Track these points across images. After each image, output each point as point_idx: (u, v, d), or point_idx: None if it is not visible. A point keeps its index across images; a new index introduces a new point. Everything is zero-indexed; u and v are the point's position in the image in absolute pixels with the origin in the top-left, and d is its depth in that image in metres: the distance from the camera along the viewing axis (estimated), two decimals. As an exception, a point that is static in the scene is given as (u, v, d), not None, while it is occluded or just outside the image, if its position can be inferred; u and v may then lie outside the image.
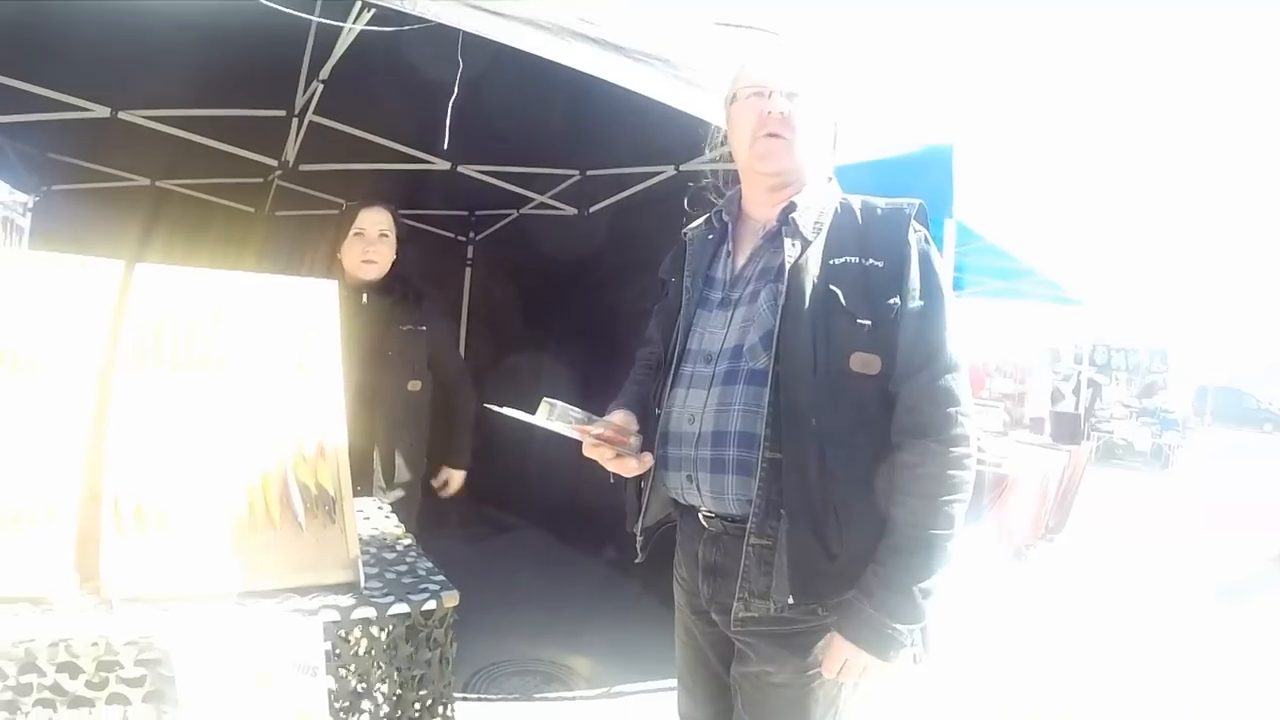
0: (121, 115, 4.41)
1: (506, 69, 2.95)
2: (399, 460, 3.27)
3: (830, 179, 1.97)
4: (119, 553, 1.84)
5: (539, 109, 4.14)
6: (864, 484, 1.72)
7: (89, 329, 2.09)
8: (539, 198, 5.86)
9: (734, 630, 1.84)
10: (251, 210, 6.30)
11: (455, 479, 3.61)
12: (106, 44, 3.51)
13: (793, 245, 1.81)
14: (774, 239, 1.87)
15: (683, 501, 1.95)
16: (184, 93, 4.22)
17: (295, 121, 4.29)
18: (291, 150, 4.69)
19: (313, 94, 3.72)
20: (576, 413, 1.82)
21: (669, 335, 2.02)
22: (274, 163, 5.00)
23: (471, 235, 7.46)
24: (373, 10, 2.40)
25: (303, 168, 5.11)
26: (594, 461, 1.92)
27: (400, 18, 2.38)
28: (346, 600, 1.85)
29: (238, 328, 2.19)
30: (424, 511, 3.42)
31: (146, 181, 5.80)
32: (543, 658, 4.20)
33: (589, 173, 5.42)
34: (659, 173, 4.81)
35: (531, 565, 5.66)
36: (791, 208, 1.84)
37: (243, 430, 2.08)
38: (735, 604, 1.78)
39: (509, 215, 6.68)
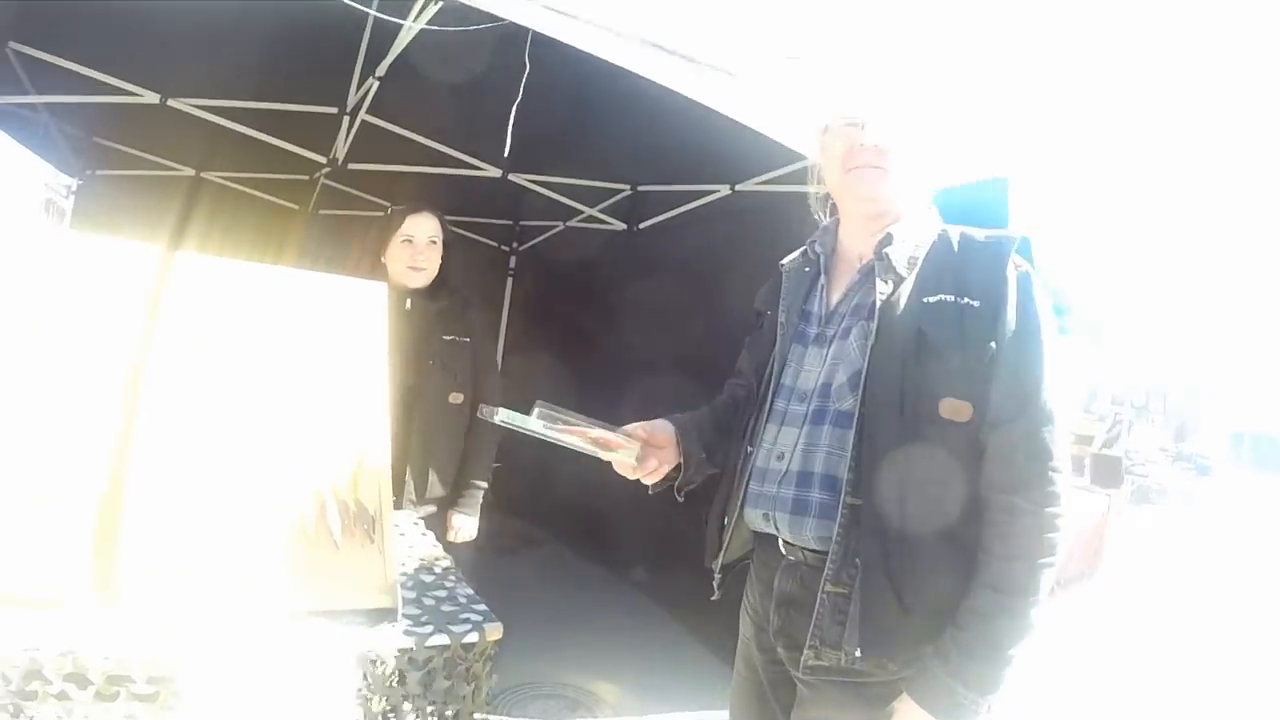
0: (171, 102, 4.38)
1: (566, 77, 2.87)
2: (433, 474, 3.16)
3: (930, 207, 1.87)
4: (138, 558, 1.74)
5: (595, 120, 4.08)
6: (947, 538, 1.62)
7: (125, 317, 1.99)
8: (588, 210, 5.76)
9: (801, 674, 1.75)
10: (295, 207, 6.26)
11: (465, 528, 3.33)
12: (160, 28, 3.47)
13: (885, 282, 1.72)
14: (869, 274, 1.78)
15: (761, 531, 1.87)
16: (236, 83, 4.18)
17: (347, 119, 4.22)
18: (341, 148, 4.62)
19: (367, 91, 3.65)
20: (571, 415, 1.80)
21: (762, 369, 1.95)
22: (322, 160, 4.94)
23: (515, 245, 7.39)
24: (439, 4, 2.30)
25: (351, 166, 5.03)
26: (625, 481, 1.92)
27: (467, 16, 2.29)
28: (382, 628, 1.74)
29: (280, 326, 2.09)
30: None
31: (191, 172, 5.78)
32: (568, 682, 4.08)
33: (640, 188, 5.33)
34: (713, 191, 4.71)
35: (558, 583, 5.56)
36: (887, 240, 1.75)
37: (279, 437, 1.98)
38: (806, 651, 1.70)
39: (555, 227, 6.59)
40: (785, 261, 2.01)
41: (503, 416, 1.79)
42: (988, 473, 1.61)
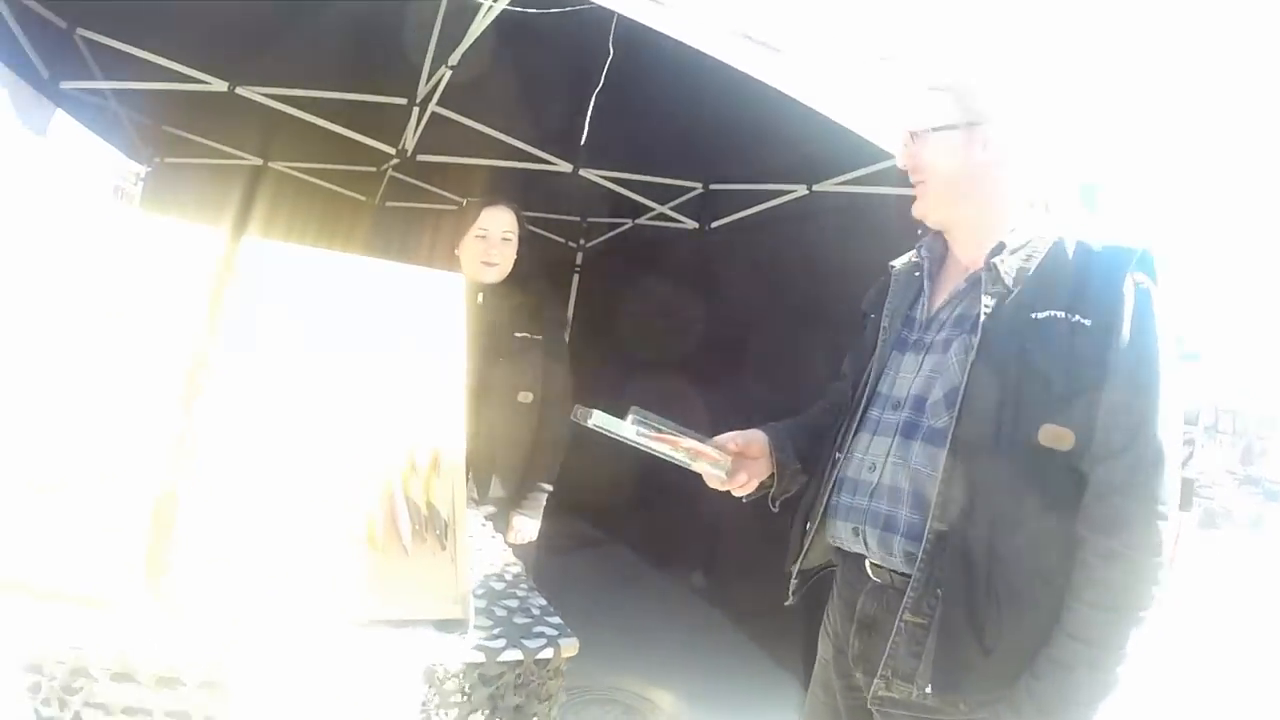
0: (239, 90, 4.38)
1: (645, 66, 2.78)
2: (497, 473, 3.08)
3: (1048, 209, 1.72)
4: (195, 557, 1.66)
5: (670, 114, 3.98)
6: (1036, 576, 1.50)
7: (192, 303, 1.92)
8: (658, 208, 5.66)
9: (873, 704, 1.65)
10: (362, 199, 6.26)
11: (526, 530, 3.27)
12: (229, 15, 3.48)
13: (990, 294, 1.60)
14: (976, 284, 1.66)
15: (848, 550, 1.77)
16: (305, 72, 4.18)
17: (417, 110, 4.18)
18: (411, 139, 4.58)
19: (439, 81, 3.59)
20: (665, 423, 1.76)
21: (859, 372, 1.86)
22: (391, 151, 4.91)
23: (582, 242, 7.32)
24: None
25: (420, 158, 5.00)
26: (688, 482, 1.89)
27: (551, -1, 2.21)
28: (452, 640, 1.65)
29: (353, 317, 2.02)
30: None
31: (259, 161, 5.82)
32: (624, 688, 3.99)
33: (712, 186, 5.22)
34: (789, 191, 4.58)
35: (615, 585, 5.47)
36: (998, 249, 1.63)
37: (350, 432, 1.89)
38: (877, 681, 1.60)
39: (624, 224, 6.51)
40: (895, 263, 1.90)
41: (596, 420, 1.76)
42: (1086, 510, 1.48)
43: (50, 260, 1.90)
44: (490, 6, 2.49)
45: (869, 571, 1.70)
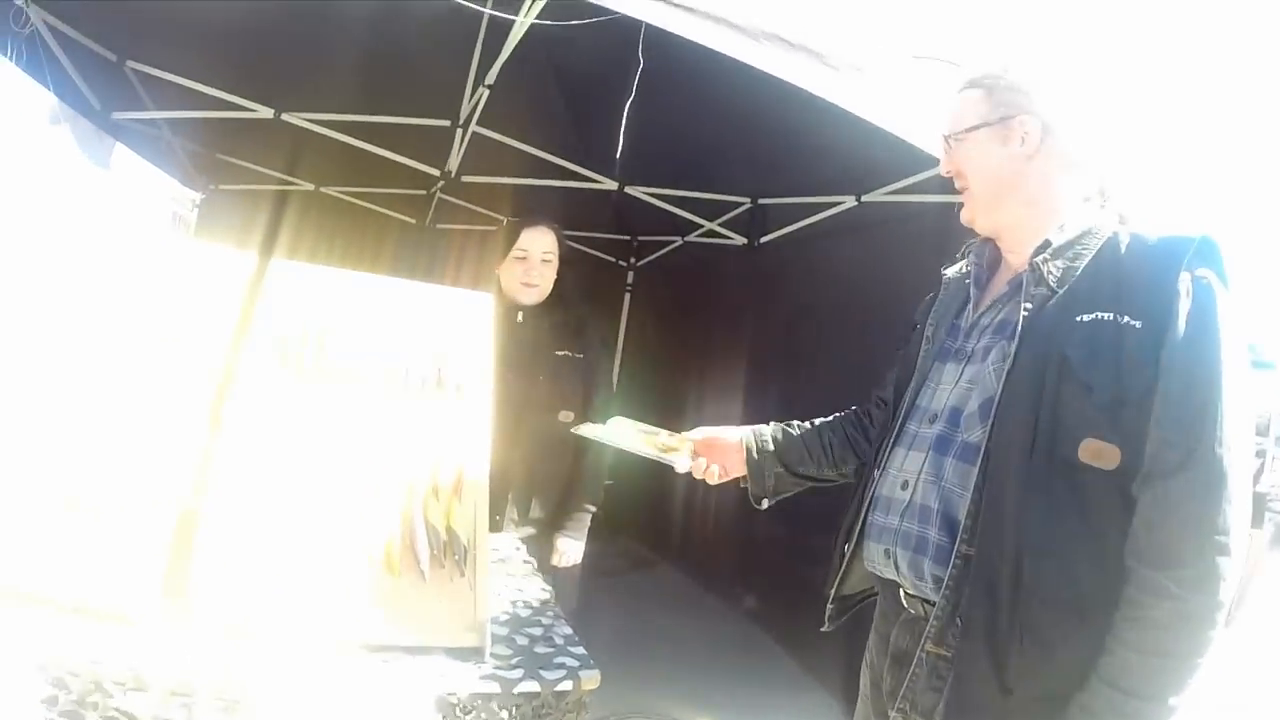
0: (285, 117, 4.47)
1: (681, 77, 2.73)
2: (537, 495, 3.02)
3: (1103, 205, 1.59)
4: (212, 576, 1.66)
5: (713, 127, 3.92)
6: (1070, 611, 1.34)
7: (214, 326, 1.93)
8: (706, 224, 5.60)
9: None
10: (412, 221, 6.31)
11: (571, 552, 3.16)
12: (271, 44, 3.55)
13: (1032, 296, 1.48)
14: (1019, 287, 1.54)
15: (882, 576, 1.65)
16: (349, 97, 4.24)
17: (459, 132, 4.17)
18: (454, 161, 4.58)
19: (478, 101, 3.57)
20: (645, 426, 2.02)
21: (902, 385, 1.75)
22: (436, 173, 4.94)
23: (633, 260, 7.29)
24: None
25: (465, 179, 5.01)
26: (740, 503, 1.96)
27: (575, 10, 2.16)
28: (467, 669, 1.59)
29: (377, 338, 2.01)
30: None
31: (310, 187, 5.87)
32: (668, 713, 3.88)
33: (761, 201, 5.14)
34: (838, 203, 4.47)
35: (665, 607, 5.38)
36: (1043, 248, 1.50)
37: (370, 455, 1.87)
38: (894, 713, 1.51)
39: (673, 242, 6.45)
40: (948, 270, 1.79)
41: (582, 429, 2.07)
42: (1134, 538, 1.32)
43: (105, 287, 1.93)
44: (520, 22, 2.44)
45: (903, 601, 1.59)
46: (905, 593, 1.58)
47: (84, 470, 1.75)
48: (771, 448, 1.96)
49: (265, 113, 4.46)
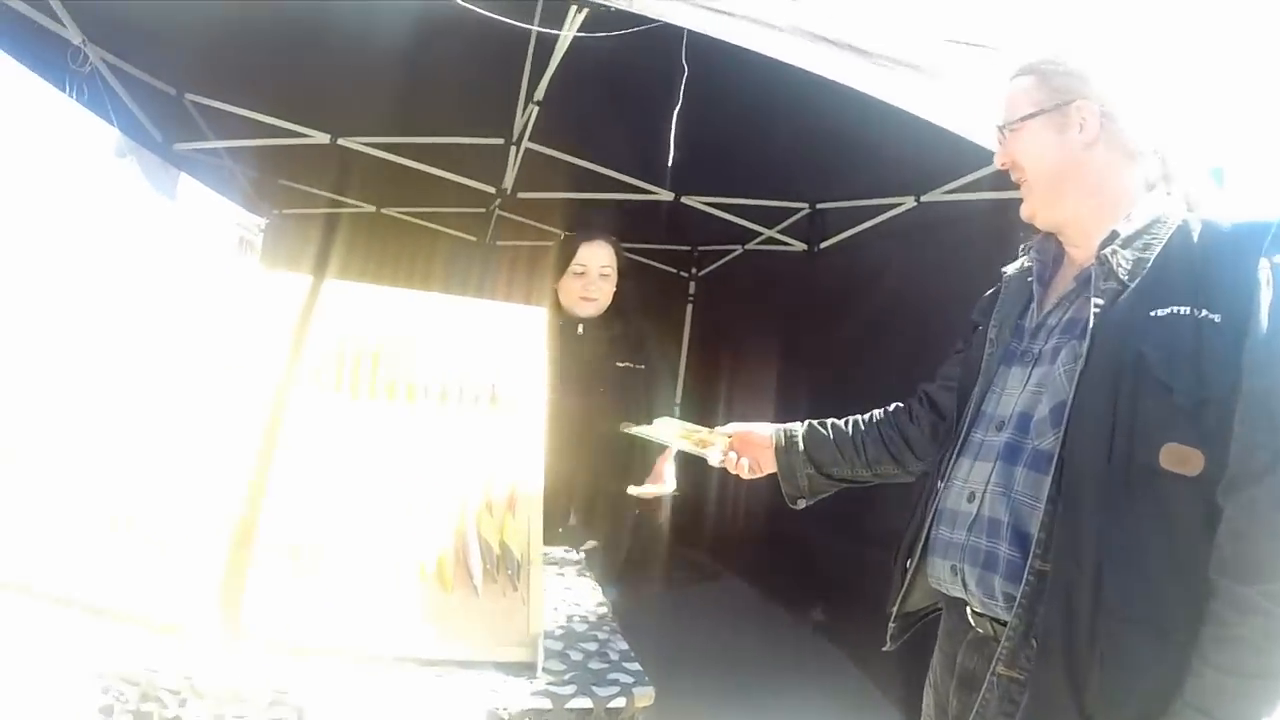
0: (341, 141, 4.58)
1: (729, 83, 2.71)
2: (600, 506, 3.01)
3: (1169, 192, 1.50)
4: (266, 590, 1.68)
5: (765, 132, 3.90)
6: (1154, 629, 1.25)
7: (269, 346, 1.98)
8: (766, 232, 5.55)
9: None
10: (473, 239, 6.37)
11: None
12: (323, 71, 3.67)
13: (1102, 291, 1.39)
14: (1086, 282, 1.45)
15: (949, 594, 1.58)
16: (403, 120, 4.33)
17: (513, 149, 4.20)
18: (510, 178, 4.62)
19: (529, 118, 3.59)
20: (688, 425, 2.11)
21: (965, 391, 1.66)
22: (493, 190, 4.98)
23: (694, 271, 7.26)
24: (585, 10, 2.17)
25: (521, 196, 5.05)
26: (809, 514, 1.99)
27: (617, 21, 2.15)
28: (520, 684, 1.58)
29: (430, 355, 2.02)
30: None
31: (371, 208, 5.96)
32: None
33: (819, 206, 5.08)
34: (897, 204, 4.39)
35: (731, 621, 5.29)
36: (1110, 239, 1.42)
37: (424, 472, 1.88)
38: None
39: (733, 250, 6.42)
40: (1008, 269, 1.72)
41: (628, 427, 2.19)
42: (1219, 550, 1.23)
43: (169, 312, 2.02)
44: (564, 36, 2.44)
45: (970, 620, 1.52)
46: (973, 611, 1.51)
47: (142, 487, 1.80)
48: (801, 447, 1.93)
49: (321, 138, 4.57)
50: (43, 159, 3.34)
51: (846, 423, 1.96)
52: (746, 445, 2.02)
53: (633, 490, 2.75)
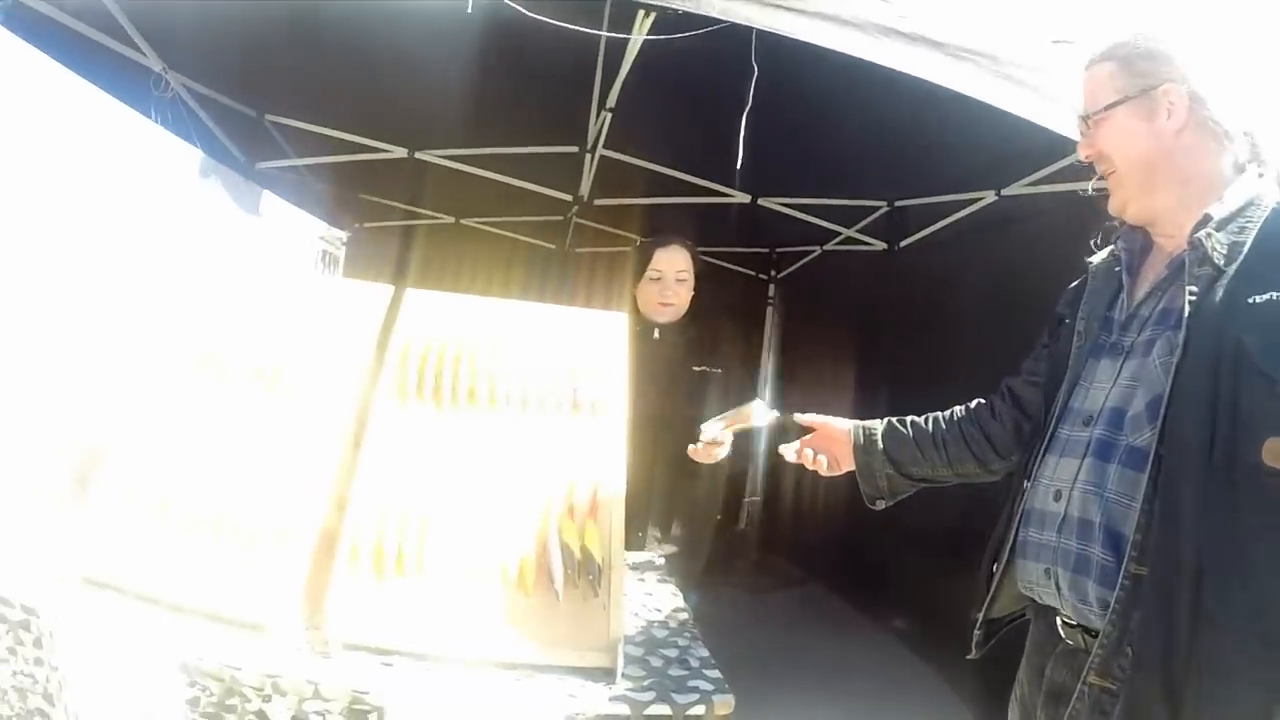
0: (418, 155, 4.69)
1: (803, 90, 2.69)
2: (680, 511, 3.00)
3: (1261, 174, 1.43)
4: (348, 593, 1.72)
5: (840, 133, 3.84)
6: (1257, 639, 1.19)
7: (352, 354, 2.03)
8: (844, 231, 5.48)
9: None
10: (552, 246, 6.41)
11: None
12: (399, 87, 3.76)
13: (1196, 278, 1.32)
14: (1179, 270, 1.39)
15: (1039, 601, 1.52)
16: (478, 132, 4.40)
17: (588, 157, 4.23)
18: (586, 185, 4.65)
19: (601, 125, 3.61)
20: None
21: (1052, 386, 1.61)
22: (570, 198, 5.02)
23: (773, 273, 7.20)
24: (653, 14, 2.17)
25: (598, 203, 5.07)
26: (895, 519, 2.00)
27: (686, 22, 2.15)
28: (597, 690, 1.58)
29: (511, 362, 2.05)
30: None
31: (450, 219, 6.04)
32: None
33: (898, 203, 5.00)
34: (977, 199, 4.30)
35: (813, 628, 5.22)
36: (1203, 222, 1.35)
37: (505, 477, 1.90)
38: None
39: (812, 251, 6.35)
40: (1093, 259, 1.66)
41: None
42: None
43: (258, 324, 2.09)
44: (634, 40, 2.44)
45: (1060, 631, 1.46)
46: (1063, 621, 1.45)
47: (230, 489, 1.86)
48: (880, 445, 1.89)
49: (399, 152, 4.69)
50: (131, 180, 3.50)
51: (927, 420, 1.91)
52: (825, 440, 1.98)
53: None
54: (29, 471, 2.16)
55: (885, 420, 1.94)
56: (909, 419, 1.92)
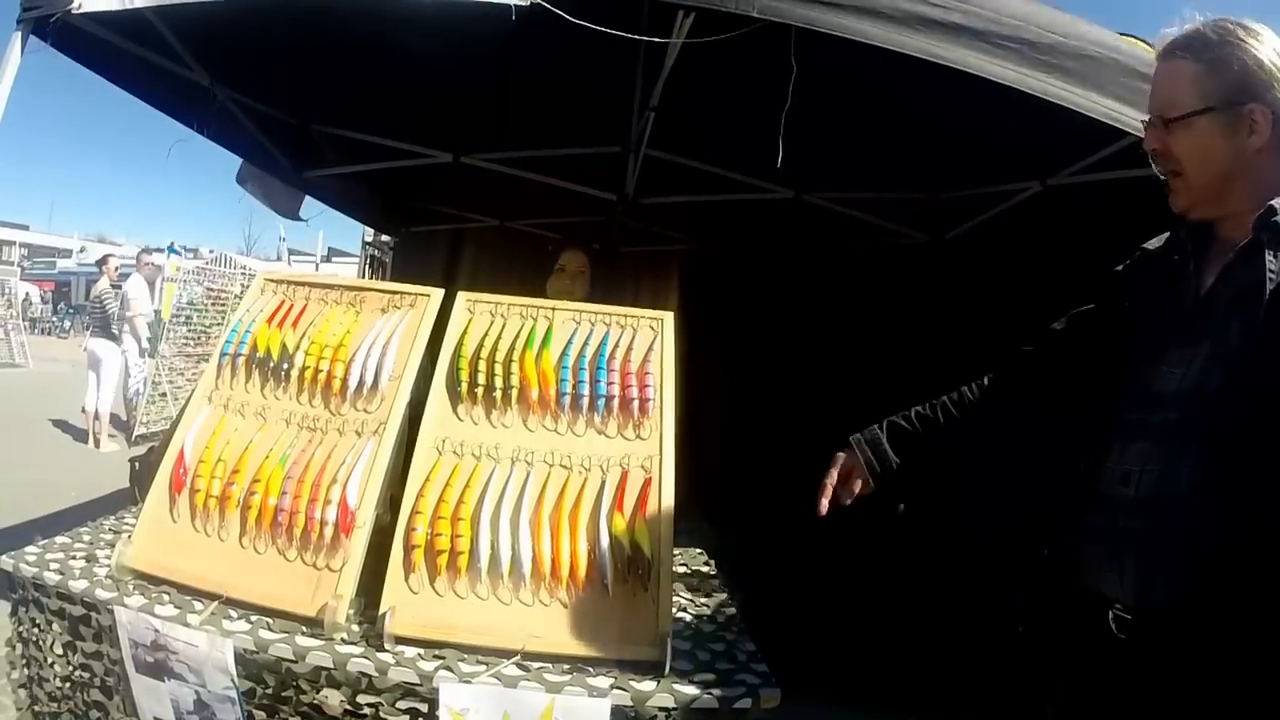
0: (464, 159, 4.73)
1: (842, 76, 2.68)
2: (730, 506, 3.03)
3: None
4: (403, 587, 1.79)
5: (883, 127, 3.81)
6: None
7: (404, 356, 2.08)
8: (888, 225, 5.41)
9: None
10: (598, 247, 6.42)
11: None
12: (442, 93, 3.83)
13: (1275, 259, 1.31)
14: (1254, 251, 1.37)
15: (1098, 590, 1.46)
16: (522, 135, 4.44)
17: (631, 156, 4.24)
18: (630, 184, 4.66)
19: (645, 124, 3.62)
20: None
21: (1108, 371, 1.57)
22: (614, 198, 5.02)
23: (818, 267, 7.12)
24: (692, 14, 2.18)
25: (643, 201, 5.07)
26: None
27: (724, 23, 2.16)
28: (645, 683, 1.61)
29: (560, 361, 2.08)
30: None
31: (495, 222, 6.08)
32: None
33: (941, 195, 4.94)
34: (1022, 190, 4.22)
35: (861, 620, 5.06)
36: (1271, 212, 1.35)
37: (556, 473, 1.95)
38: None
39: (858, 246, 6.25)
40: (1149, 244, 1.64)
41: None
42: None
43: (315, 332, 2.18)
44: (674, 43, 2.46)
45: (1112, 624, 1.41)
46: (1117, 613, 1.41)
47: (288, 487, 1.94)
48: (886, 447, 1.83)
49: (444, 157, 4.73)
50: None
51: (949, 400, 1.89)
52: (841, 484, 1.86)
53: None
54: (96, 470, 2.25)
55: (880, 426, 1.90)
56: (903, 417, 1.89)
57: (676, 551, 2.41)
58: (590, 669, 1.65)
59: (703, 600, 2.13)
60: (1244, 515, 1.24)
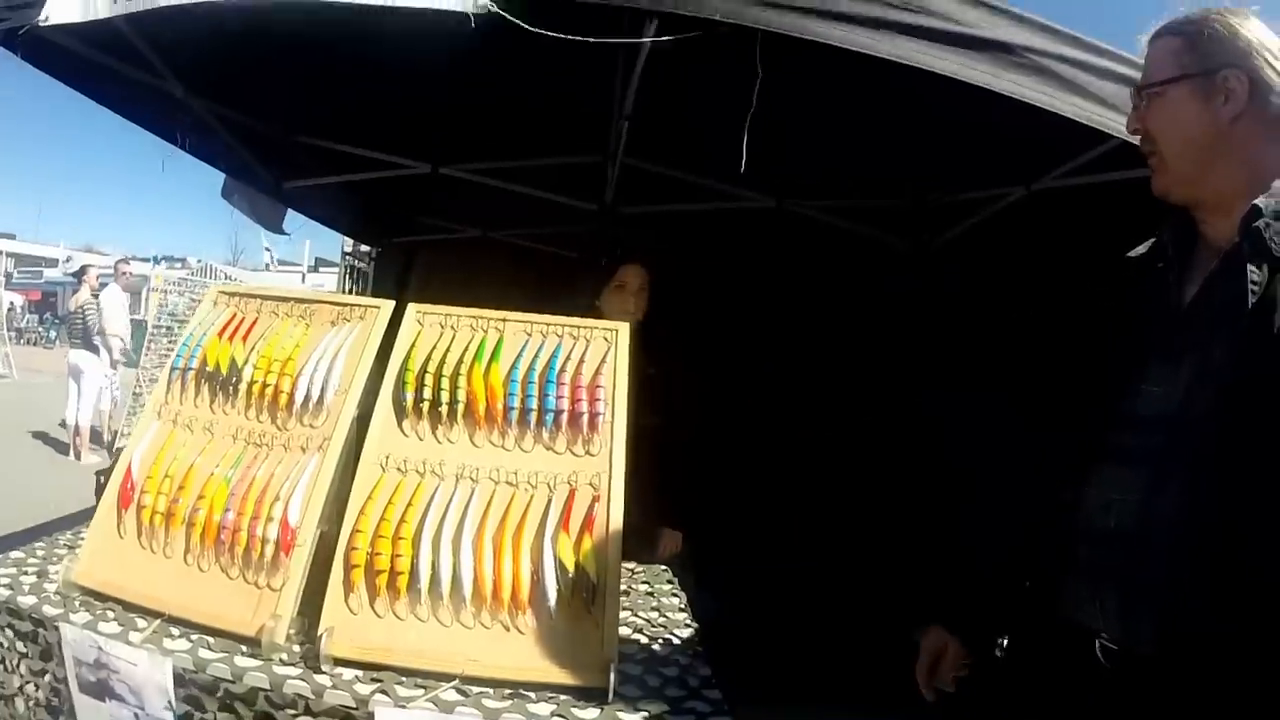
0: (442, 170, 4.73)
1: (813, 80, 2.63)
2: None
3: None
4: (342, 607, 1.74)
5: (863, 132, 3.76)
6: None
7: (351, 370, 2.04)
8: (870, 232, 5.36)
9: None
10: (574, 255, 6.40)
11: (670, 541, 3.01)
12: (421, 104, 3.82)
13: (1258, 270, 1.25)
14: (1234, 259, 1.31)
15: (1079, 622, 1.40)
16: (500, 145, 4.43)
17: (609, 165, 4.20)
18: (609, 194, 4.62)
19: (620, 133, 3.58)
20: None
21: (1091, 392, 1.51)
22: (594, 208, 4.99)
23: (801, 275, 7.08)
24: (656, 20, 2.13)
25: (624, 210, 5.03)
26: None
27: (689, 24, 2.11)
28: (588, 710, 1.56)
29: (509, 375, 2.02)
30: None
31: (478, 233, 6.07)
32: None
33: (924, 202, 4.88)
34: (1005, 195, 4.16)
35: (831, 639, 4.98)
36: (1254, 214, 1.29)
37: (501, 490, 1.89)
38: None
39: (838, 253, 6.21)
40: (1132, 254, 1.58)
41: None
42: None
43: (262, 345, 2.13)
44: (644, 52, 2.41)
45: (1099, 654, 1.35)
46: (1102, 646, 1.36)
47: (231, 504, 1.90)
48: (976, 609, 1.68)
49: (422, 168, 4.73)
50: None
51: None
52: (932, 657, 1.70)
53: None
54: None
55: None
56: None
57: (640, 569, 2.35)
58: (532, 695, 1.59)
59: (660, 621, 2.06)
60: (1225, 550, 1.18)
